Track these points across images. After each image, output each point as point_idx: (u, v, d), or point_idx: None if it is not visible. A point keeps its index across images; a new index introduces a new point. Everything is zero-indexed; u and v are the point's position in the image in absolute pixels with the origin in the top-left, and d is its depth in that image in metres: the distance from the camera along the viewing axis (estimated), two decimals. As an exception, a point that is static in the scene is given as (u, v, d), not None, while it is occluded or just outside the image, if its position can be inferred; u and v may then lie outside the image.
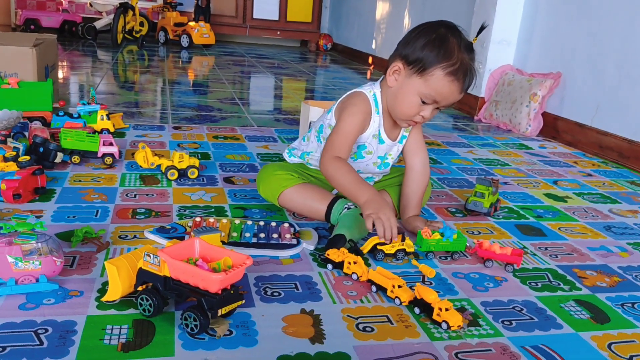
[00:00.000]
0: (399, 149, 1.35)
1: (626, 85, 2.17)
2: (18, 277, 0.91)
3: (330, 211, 1.25)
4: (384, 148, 1.32)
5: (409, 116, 1.21)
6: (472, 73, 1.18)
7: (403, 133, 1.33)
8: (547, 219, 1.49)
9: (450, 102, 1.19)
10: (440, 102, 1.18)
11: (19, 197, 1.26)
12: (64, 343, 0.80)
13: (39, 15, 4.76)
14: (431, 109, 1.20)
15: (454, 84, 1.15)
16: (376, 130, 1.29)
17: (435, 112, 1.22)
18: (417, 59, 1.16)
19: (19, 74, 1.97)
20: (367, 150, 1.31)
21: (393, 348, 0.86)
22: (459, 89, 1.16)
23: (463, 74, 1.15)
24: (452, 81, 1.15)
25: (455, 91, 1.16)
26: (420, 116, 1.20)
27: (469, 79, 1.17)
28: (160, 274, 0.86)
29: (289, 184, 1.27)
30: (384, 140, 1.30)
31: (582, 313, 1.02)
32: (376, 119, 1.28)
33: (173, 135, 1.99)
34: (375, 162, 1.34)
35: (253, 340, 0.84)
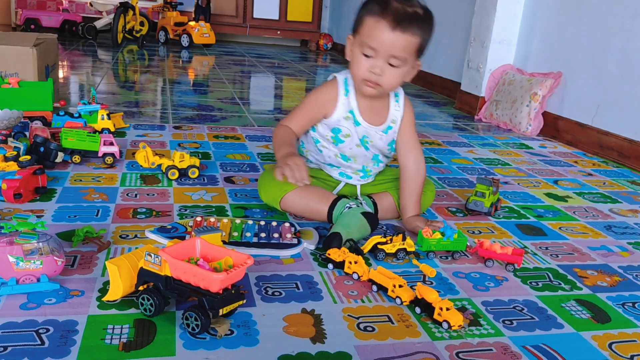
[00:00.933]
0: (384, 139, 1.32)
1: (627, 85, 2.17)
2: (19, 276, 0.91)
3: (332, 211, 1.25)
4: (362, 131, 1.30)
5: (360, 74, 1.20)
6: (404, 10, 1.15)
7: (389, 124, 1.31)
8: (548, 219, 1.49)
9: (386, 44, 1.15)
10: (378, 48, 1.16)
11: (20, 196, 1.26)
12: (65, 343, 0.80)
13: (39, 14, 4.76)
14: (380, 62, 1.18)
15: (380, 22, 1.14)
16: (346, 112, 1.29)
17: (391, 71, 1.19)
18: (355, 22, 1.21)
19: (20, 74, 1.97)
20: (343, 134, 1.31)
21: (394, 348, 0.86)
22: (388, 27, 1.14)
23: (390, 13, 1.14)
24: (378, 21, 1.15)
25: (383, 29, 1.14)
26: (371, 73, 1.19)
27: (398, 15, 1.14)
28: (162, 274, 0.86)
29: (289, 187, 1.27)
30: (360, 122, 1.29)
31: (583, 313, 1.02)
32: (345, 100, 1.29)
33: (173, 135, 1.99)
34: (358, 144, 1.32)
35: (254, 340, 0.84)
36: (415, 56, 1.21)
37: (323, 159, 1.38)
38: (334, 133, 1.31)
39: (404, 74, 1.22)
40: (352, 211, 1.22)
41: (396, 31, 1.14)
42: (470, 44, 2.97)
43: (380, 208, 1.34)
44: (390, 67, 1.19)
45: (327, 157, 1.36)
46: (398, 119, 1.32)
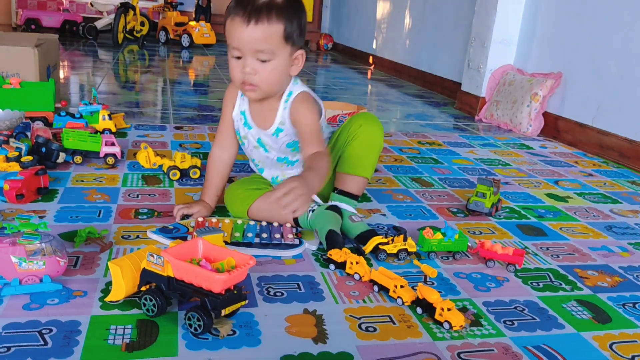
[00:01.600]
0: (278, 142, 1.25)
1: (627, 85, 2.17)
2: (22, 277, 0.91)
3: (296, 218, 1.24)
4: (254, 134, 1.26)
5: (236, 78, 1.15)
6: (253, 3, 1.09)
7: (278, 126, 1.23)
8: (549, 219, 1.49)
9: (245, 41, 1.10)
10: (240, 47, 1.10)
11: (22, 197, 1.26)
12: (68, 343, 0.80)
13: (40, 15, 4.76)
14: (249, 60, 1.11)
15: (235, 19, 1.10)
16: (239, 113, 1.27)
17: (263, 67, 1.12)
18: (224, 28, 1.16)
19: (21, 74, 1.97)
20: (242, 135, 1.28)
21: (396, 348, 0.86)
22: (241, 22, 1.09)
23: (241, 8, 1.09)
24: (233, 19, 1.10)
25: (238, 26, 1.10)
26: (244, 74, 1.12)
27: (248, 7, 1.09)
28: (164, 274, 0.87)
29: (250, 200, 1.24)
30: (251, 125, 1.26)
31: (584, 313, 1.02)
32: (240, 101, 1.27)
33: (175, 135, 1.99)
34: (256, 146, 1.28)
35: (256, 340, 0.85)
36: (284, 45, 1.12)
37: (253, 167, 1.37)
38: (238, 135, 1.30)
39: (281, 67, 1.14)
40: (319, 211, 1.21)
41: (250, 24, 1.08)
42: (470, 44, 2.97)
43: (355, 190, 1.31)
44: (261, 64, 1.12)
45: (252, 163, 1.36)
46: (287, 120, 1.22)
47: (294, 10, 1.13)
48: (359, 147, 1.28)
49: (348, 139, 1.29)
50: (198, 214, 1.26)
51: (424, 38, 3.87)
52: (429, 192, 1.62)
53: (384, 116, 2.78)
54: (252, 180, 1.33)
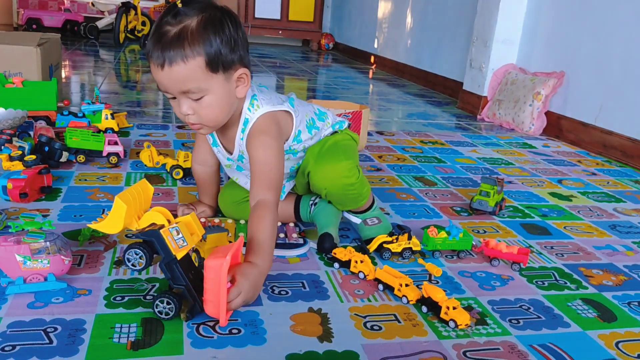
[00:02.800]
0: (244, 167, 1.17)
1: (630, 84, 2.17)
2: (26, 275, 0.91)
3: (298, 210, 1.24)
4: (223, 153, 1.17)
5: (179, 117, 1.03)
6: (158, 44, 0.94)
7: (239, 153, 1.13)
8: (553, 218, 1.49)
9: (166, 84, 0.96)
10: (167, 90, 0.98)
11: (26, 196, 1.26)
12: (73, 342, 0.80)
13: (41, 14, 4.76)
14: (181, 101, 0.98)
15: (151, 63, 0.96)
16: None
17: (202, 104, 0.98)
18: None
19: (24, 74, 1.97)
20: (215, 150, 1.20)
21: (401, 346, 0.86)
22: (155, 67, 0.95)
23: (152, 46, 0.95)
24: (149, 62, 0.97)
25: (155, 71, 0.96)
26: (184, 115, 1.00)
27: (158, 50, 0.94)
28: (174, 253, 0.85)
29: (245, 214, 1.21)
30: (219, 144, 1.17)
31: (589, 312, 1.02)
32: None
33: (177, 135, 1.99)
34: (228, 164, 1.20)
35: (261, 339, 0.84)
36: (212, 75, 0.96)
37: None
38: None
39: (218, 99, 0.99)
40: (321, 205, 1.21)
41: (165, 68, 0.94)
42: (472, 43, 2.97)
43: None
44: (197, 102, 0.98)
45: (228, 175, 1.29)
46: (245, 151, 1.11)
47: (212, 30, 0.95)
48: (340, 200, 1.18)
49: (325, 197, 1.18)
50: (203, 214, 1.26)
51: (425, 37, 3.87)
52: (432, 191, 1.61)
53: (386, 115, 2.77)
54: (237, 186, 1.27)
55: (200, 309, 0.87)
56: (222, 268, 0.82)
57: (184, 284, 0.86)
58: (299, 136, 1.16)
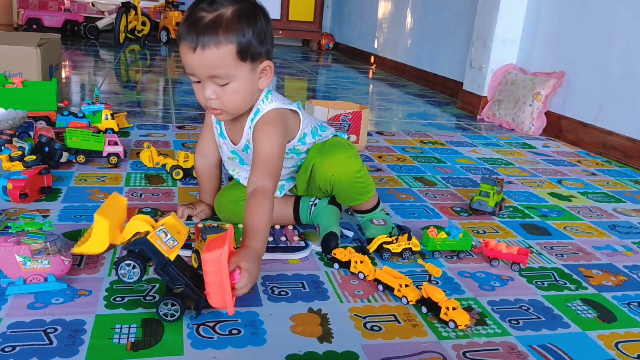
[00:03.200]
0: (249, 159, 1.17)
1: (630, 84, 2.17)
2: (27, 276, 0.91)
3: (297, 212, 1.24)
4: (228, 145, 1.19)
5: (199, 101, 1.06)
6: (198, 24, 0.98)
7: (246, 143, 1.15)
8: (552, 218, 1.49)
9: (196, 68, 1.00)
10: (195, 74, 1.01)
11: (26, 196, 1.26)
12: (73, 342, 0.80)
13: (41, 14, 4.76)
14: (208, 86, 1.02)
15: (182, 45, 1.00)
16: (215, 122, 1.20)
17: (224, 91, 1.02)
18: None
19: (24, 74, 1.97)
20: (218, 144, 1.23)
21: (401, 347, 0.86)
22: (188, 49, 0.98)
23: (186, 30, 0.99)
24: (181, 42, 1.00)
25: (185, 52, 1.00)
26: (207, 99, 1.03)
27: (192, 32, 0.98)
28: (166, 255, 0.85)
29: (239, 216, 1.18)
30: (225, 136, 1.19)
31: (589, 312, 1.02)
32: None
33: (177, 135, 1.99)
34: (231, 157, 1.22)
35: (261, 340, 0.85)
36: (241, 64, 1.00)
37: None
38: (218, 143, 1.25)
39: (243, 87, 1.03)
40: (321, 205, 1.21)
41: (197, 51, 0.97)
42: (472, 43, 2.97)
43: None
44: (222, 88, 1.02)
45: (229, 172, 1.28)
46: (251, 140, 1.13)
47: (246, 21, 1.00)
48: (346, 190, 1.18)
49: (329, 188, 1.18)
50: (202, 214, 1.26)
51: (425, 37, 3.87)
52: (432, 192, 1.62)
53: (386, 115, 2.78)
54: (238, 186, 1.27)
55: (205, 303, 0.87)
56: (221, 259, 0.82)
57: (183, 283, 0.87)
58: (304, 138, 1.18)
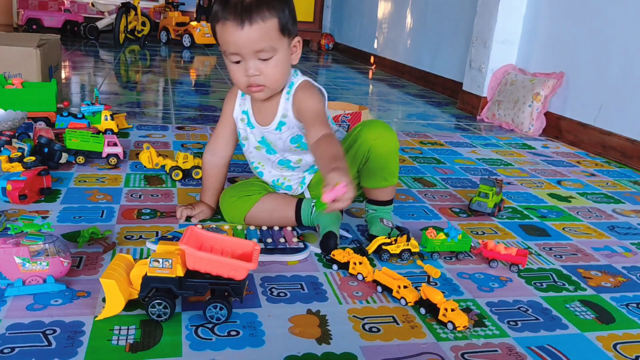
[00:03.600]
0: (282, 138, 1.21)
1: (629, 85, 2.17)
2: (25, 278, 0.91)
3: (298, 215, 1.24)
4: (257, 133, 1.24)
5: (241, 82, 1.13)
6: (239, 3, 1.05)
7: (280, 119, 1.20)
8: (551, 219, 1.49)
9: (243, 44, 1.06)
10: (239, 51, 1.07)
11: (25, 197, 1.26)
12: (72, 344, 0.80)
13: (41, 15, 4.76)
14: (251, 63, 1.08)
15: (226, 24, 1.06)
16: (241, 113, 1.24)
17: (267, 65, 1.09)
18: (214, 36, 1.13)
19: (23, 75, 1.97)
20: (243, 136, 1.27)
21: (399, 348, 0.86)
22: (234, 26, 1.05)
23: (229, 10, 1.05)
24: (223, 24, 1.06)
25: (232, 31, 1.06)
26: (249, 77, 1.10)
27: (237, 9, 1.05)
28: (173, 276, 0.87)
29: (247, 207, 1.24)
30: (254, 125, 1.23)
31: (587, 313, 1.02)
32: (241, 101, 1.24)
33: (176, 136, 1.99)
34: (258, 147, 1.25)
35: (260, 341, 0.85)
36: (282, 37, 1.09)
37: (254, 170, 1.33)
38: (239, 136, 1.28)
39: (283, 61, 1.11)
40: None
41: (244, 26, 1.05)
42: (472, 43, 2.97)
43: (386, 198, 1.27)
44: (264, 62, 1.09)
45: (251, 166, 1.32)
46: (289, 112, 1.19)
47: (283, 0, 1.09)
48: (381, 160, 1.22)
49: (365, 154, 1.22)
50: (201, 215, 1.26)
51: (425, 38, 3.87)
52: (431, 192, 1.62)
53: (386, 116, 2.78)
54: (246, 184, 1.31)
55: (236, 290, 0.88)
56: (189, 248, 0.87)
57: (207, 283, 0.88)
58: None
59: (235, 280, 0.88)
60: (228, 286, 0.88)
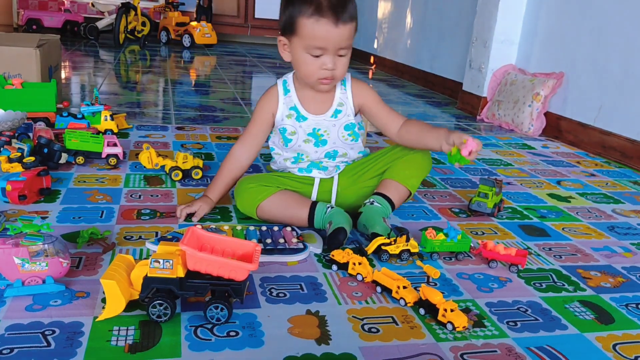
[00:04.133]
0: (337, 125, 1.30)
1: (629, 85, 2.17)
2: (25, 278, 0.91)
3: (312, 216, 1.24)
4: (310, 124, 1.29)
5: (313, 74, 1.21)
6: (337, 3, 1.14)
7: (336, 107, 1.30)
8: (551, 219, 1.49)
9: (334, 40, 1.16)
10: (327, 46, 1.16)
11: (25, 198, 1.26)
12: (71, 344, 0.80)
13: (41, 15, 4.76)
14: (329, 58, 1.18)
15: (321, 21, 1.13)
16: (288, 110, 1.30)
17: (341, 61, 1.20)
18: (285, 25, 1.19)
19: (23, 75, 1.97)
20: (289, 132, 1.30)
21: (399, 349, 0.86)
22: (330, 23, 1.14)
23: (326, 7, 1.13)
24: (318, 20, 1.13)
25: (327, 28, 1.14)
26: (324, 70, 1.19)
27: (335, 7, 1.13)
28: (174, 276, 0.87)
29: (264, 196, 1.25)
30: (306, 116, 1.29)
31: (587, 314, 1.02)
32: (285, 99, 1.30)
33: (176, 136, 1.99)
34: (307, 139, 1.30)
35: (259, 341, 0.85)
36: (353, 37, 1.20)
37: (283, 166, 1.37)
38: (282, 134, 1.31)
39: (349, 57, 1.22)
40: (337, 209, 1.23)
41: (339, 25, 1.14)
42: (472, 44, 2.97)
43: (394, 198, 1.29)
44: (339, 58, 1.19)
45: (284, 160, 1.36)
46: (346, 101, 1.30)
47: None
48: (414, 162, 1.33)
49: (403, 152, 1.33)
50: (201, 211, 1.27)
51: (425, 38, 3.87)
52: (431, 193, 1.62)
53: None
54: (266, 177, 1.33)
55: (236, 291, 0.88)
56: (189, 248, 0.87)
57: (208, 283, 0.88)
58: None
59: (236, 281, 0.88)
60: (229, 287, 0.88)
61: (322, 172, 1.35)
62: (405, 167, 1.32)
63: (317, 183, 1.35)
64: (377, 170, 1.35)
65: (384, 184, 1.31)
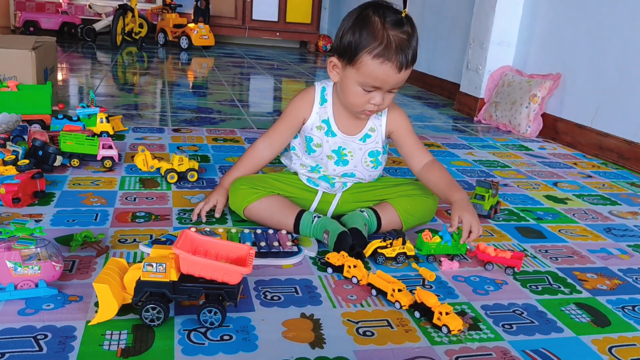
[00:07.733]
0: (363, 149, 1.28)
1: (626, 86, 2.17)
2: (17, 282, 0.90)
3: (297, 224, 1.23)
4: (337, 141, 1.27)
5: (359, 106, 1.18)
6: (406, 47, 1.11)
7: (367, 132, 1.27)
8: (547, 221, 1.48)
9: (392, 84, 1.14)
10: (382, 86, 1.14)
11: (19, 201, 1.25)
12: (63, 349, 0.79)
13: (38, 17, 4.75)
14: (380, 95, 1.16)
15: (385, 64, 1.10)
16: (319, 121, 1.27)
17: (389, 96, 1.18)
18: (344, 50, 1.14)
19: (18, 77, 1.97)
20: (315, 143, 1.28)
21: (393, 352, 0.85)
22: (394, 69, 1.11)
23: (394, 52, 1.10)
24: (383, 62, 1.10)
25: (390, 72, 1.11)
26: (372, 104, 1.17)
27: (403, 54, 1.11)
28: (167, 280, 0.86)
29: (252, 199, 1.25)
30: (336, 133, 1.26)
31: (583, 316, 1.02)
32: (320, 110, 1.27)
33: (172, 138, 1.98)
34: (330, 155, 1.28)
35: (253, 345, 0.84)
36: None
37: (296, 168, 1.35)
38: (307, 142, 1.29)
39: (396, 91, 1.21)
40: (326, 219, 1.22)
41: (402, 71, 1.13)
42: (469, 45, 2.97)
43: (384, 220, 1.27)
44: (389, 94, 1.18)
45: (300, 165, 1.33)
46: (379, 128, 1.28)
47: None
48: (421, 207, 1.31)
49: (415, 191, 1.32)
50: (220, 205, 1.30)
51: (422, 39, 3.85)
52: (427, 195, 1.61)
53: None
54: (261, 179, 1.32)
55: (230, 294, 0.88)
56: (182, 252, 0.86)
57: (202, 287, 0.87)
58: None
59: (229, 284, 0.88)
60: (222, 290, 0.88)
61: (330, 188, 1.33)
62: (411, 206, 1.29)
63: (320, 194, 1.33)
64: (382, 196, 1.32)
65: (382, 206, 1.29)
